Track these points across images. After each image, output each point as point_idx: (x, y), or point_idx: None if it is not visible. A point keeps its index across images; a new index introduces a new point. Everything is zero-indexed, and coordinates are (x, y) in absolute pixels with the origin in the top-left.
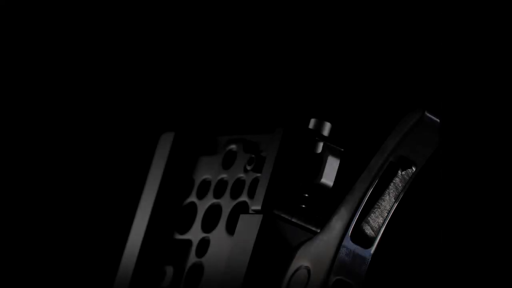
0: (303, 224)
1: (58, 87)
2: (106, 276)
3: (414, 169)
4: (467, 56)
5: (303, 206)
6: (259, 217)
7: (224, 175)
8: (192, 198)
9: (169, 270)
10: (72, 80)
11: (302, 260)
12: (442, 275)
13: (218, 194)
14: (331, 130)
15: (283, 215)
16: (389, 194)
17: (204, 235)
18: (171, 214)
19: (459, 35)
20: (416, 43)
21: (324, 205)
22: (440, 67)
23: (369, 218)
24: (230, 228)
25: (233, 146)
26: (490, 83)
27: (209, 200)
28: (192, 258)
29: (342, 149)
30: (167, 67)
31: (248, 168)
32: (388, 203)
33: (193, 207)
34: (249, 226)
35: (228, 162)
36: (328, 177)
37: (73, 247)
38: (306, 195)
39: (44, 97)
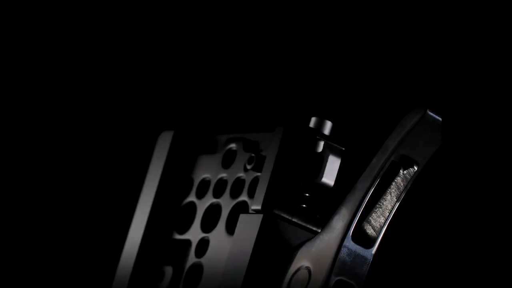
0: (303, 224)
1: (58, 87)
2: (104, 276)
3: (416, 168)
4: (468, 55)
5: (304, 205)
6: (259, 217)
7: (223, 175)
8: (192, 197)
9: (168, 270)
10: (72, 80)
11: (303, 260)
12: (443, 275)
13: (217, 193)
14: (332, 129)
15: (283, 214)
16: (390, 194)
17: (204, 235)
18: (170, 214)
19: (460, 35)
20: (416, 43)
21: (325, 204)
22: (441, 66)
23: (370, 218)
24: (230, 228)
25: (232, 145)
26: (491, 81)
27: (209, 199)
28: (192, 258)
29: (343, 148)
30: (166, 67)
31: (248, 167)
32: (389, 202)
33: (192, 206)
34: (249, 226)
35: (227, 161)
36: (329, 177)
37: (72, 247)
38: (307, 194)
39: (43, 97)
